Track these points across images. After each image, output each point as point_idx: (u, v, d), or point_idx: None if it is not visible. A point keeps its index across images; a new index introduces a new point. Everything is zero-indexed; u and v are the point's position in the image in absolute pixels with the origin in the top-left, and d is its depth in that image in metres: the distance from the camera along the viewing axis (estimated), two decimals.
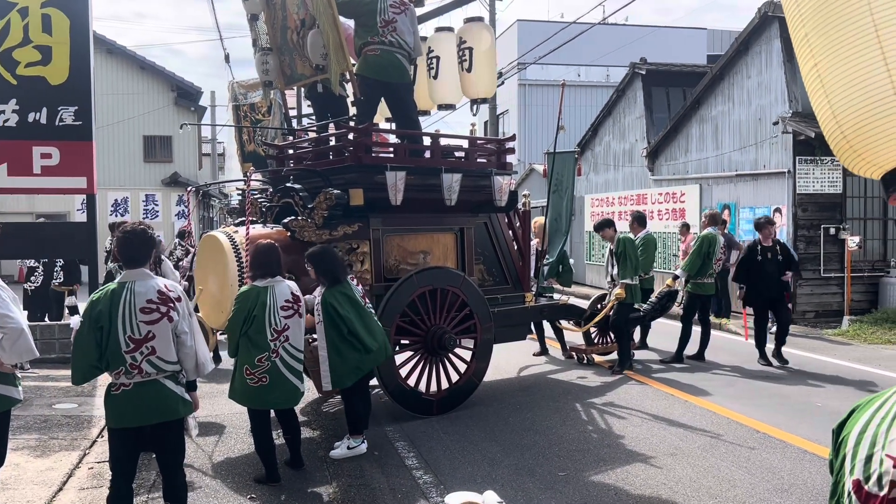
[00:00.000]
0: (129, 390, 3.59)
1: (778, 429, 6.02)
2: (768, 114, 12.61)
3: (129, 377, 3.57)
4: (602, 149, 18.93)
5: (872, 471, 1.17)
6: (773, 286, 8.53)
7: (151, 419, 3.65)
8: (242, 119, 14.65)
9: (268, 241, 5.36)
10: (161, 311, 3.59)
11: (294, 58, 7.40)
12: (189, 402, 3.78)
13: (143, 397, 3.60)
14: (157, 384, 3.63)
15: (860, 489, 1.18)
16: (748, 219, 13.02)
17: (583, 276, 19.06)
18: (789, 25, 1.71)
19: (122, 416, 3.62)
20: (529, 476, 5.03)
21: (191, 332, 3.73)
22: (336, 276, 5.36)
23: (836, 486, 1.28)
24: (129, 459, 3.75)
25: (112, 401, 3.63)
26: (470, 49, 7.44)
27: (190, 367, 3.76)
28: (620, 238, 8.47)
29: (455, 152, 7.32)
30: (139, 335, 3.54)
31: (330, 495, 4.77)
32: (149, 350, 3.56)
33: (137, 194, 21.66)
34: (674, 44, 26.50)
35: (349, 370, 5.32)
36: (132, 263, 3.69)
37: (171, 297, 3.66)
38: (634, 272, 8.35)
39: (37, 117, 8.98)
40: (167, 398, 3.66)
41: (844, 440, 1.27)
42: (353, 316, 5.27)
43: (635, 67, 16.89)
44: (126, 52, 21.73)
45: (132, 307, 3.55)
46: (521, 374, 8.49)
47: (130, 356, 3.54)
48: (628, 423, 6.30)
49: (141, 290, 3.59)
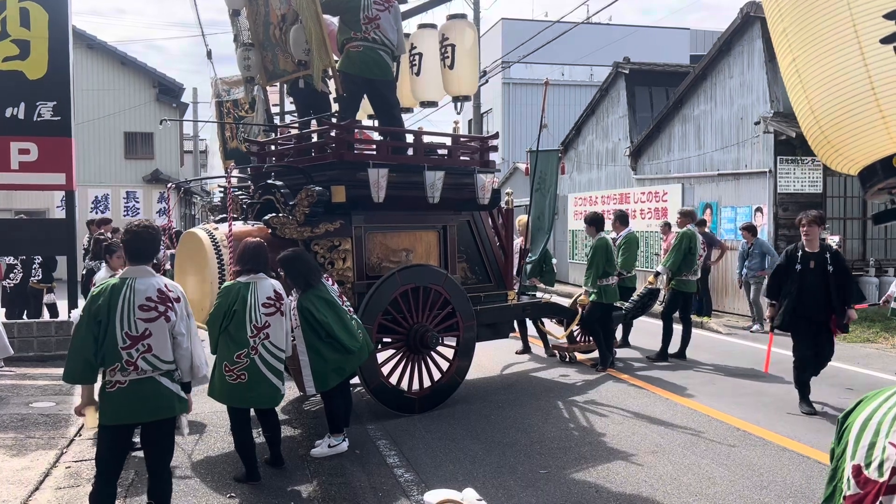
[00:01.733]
0: (124, 387, 3.56)
1: (757, 426, 6.06)
2: (750, 113, 12.70)
3: (124, 374, 3.55)
4: (585, 148, 18.99)
5: (874, 457, 1.19)
6: (819, 305, 6.40)
7: (147, 416, 3.64)
8: (225, 115, 14.55)
9: (258, 239, 5.32)
10: (159, 311, 3.59)
11: (276, 53, 7.35)
12: (184, 399, 3.77)
13: (140, 394, 3.58)
14: (153, 381, 3.61)
15: (859, 474, 1.20)
16: (729, 217, 13.12)
17: (566, 274, 19.11)
18: (768, 20, 1.71)
19: (117, 414, 3.59)
20: (511, 474, 5.03)
21: (188, 334, 3.73)
22: (308, 282, 5.29)
23: (836, 471, 1.30)
24: (117, 458, 3.72)
25: (108, 398, 3.60)
26: (452, 46, 7.43)
27: (185, 369, 3.76)
28: (599, 240, 8.32)
29: (438, 150, 7.30)
30: (136, 332, 3.53)
31: (310, 494, 4.74)
32: (145, 347, 3.55)
33: (118, 191, 21.46)
34: (657, 44, 26.63)
35: (331, 371, 5.28)
36: (137, 259, 3.70)
37: (170, 297, 3.66)
38: (595, 278, 8.20)
39: (14, 112, 8.85)
40: (163, 395, 3.64)
41: (848, 428, 1.30)
42: (330, 319, 5.21)
43: (618, 67, 16.95)
44: (107, 48, 21.51)
45: (131, 303, 3.54)
46: (503, 372, 8.49)
47: (126, 353, 3.52)
48: (610, 420, 6.32)
49: (141, 287, 3.59)
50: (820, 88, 1.53)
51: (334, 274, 6.28)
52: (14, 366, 8.29)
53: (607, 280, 8.26)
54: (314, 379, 5.23)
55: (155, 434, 3.73)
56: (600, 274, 8.22)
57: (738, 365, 8.64)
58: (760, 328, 11.17)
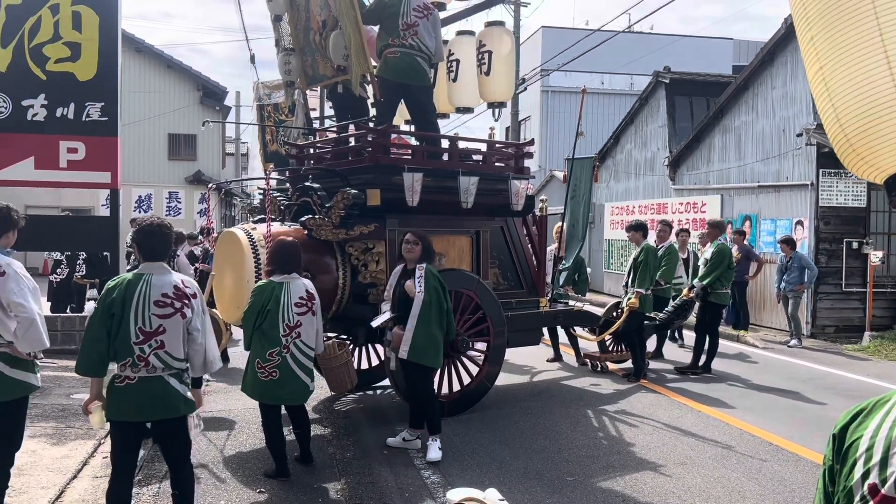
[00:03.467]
0: (132, 384, 3.54)
1: (791, 441, 5.96)
2: (792, 125, 12.50)
3: (134, 370, 3.53)
4: (623, 157, 18.86)
5: (889, 473, 1.15)
6: None
7: (151, 416, 3.62)
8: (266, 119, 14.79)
9: (291, 239, 5.43)
10: (175, 307, 3.58)
11: (316, 58, 7.47)
12: (191, 401, 3.72)
13: (146, 392, 3.55)
14: (161, 381, 3.58)
15: (876, 492, 1.17)
16: (769, 230, 12.91)
17: (601, 284, 18.98)
18: (796, 28, 1.72)
19: (120, 410, 3.59)
20: (537, 480, 5.03)
21: (203, 330, 3.71)
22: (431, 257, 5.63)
23: (842, 492, 1.25)
24: (128, 452, 3.70)
25: (114, 393, 3.58)
26: (489, 52, 7.47)
27: (198, 364, 3.73)
28: (645, 246, 8.36)
29: (473, 156, 7.34)
30: (150, 328, 3.52)
31: (338, 492, 4.80)
32: (157, 344, 3.53)
33: (161, 191, 21.92)
34: (699, 53, 26.35)
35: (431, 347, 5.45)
36: (152, 256, 3.69)
37: (186, 294, 3.64)
38: (651, 282, 8.27)
39: (64, 112, 9.12)
40: (169, 396, 3.60)
41: (854, 445, 1.25)
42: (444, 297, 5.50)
43: (659, 76, 16.82)
44: (153, 51, 22.02)
45: (147, 299, 3.54)
46: (533, 379, 8.47)
47: (139, 348, 3.51)
48: (639, 431, 6.27)
49: (158, 283, 3.59)
50: (846, 97, 1.54)
51: (368, 276, 6.36)
52: (57, 358, 8.53)
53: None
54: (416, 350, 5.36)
55: (164, 431, 3.73)
56: (654, 277, 8.26)
57: (774, 380, 8.50)
58: (798, 343, 10.97)
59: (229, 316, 6.25)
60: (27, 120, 9.02)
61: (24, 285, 3.87)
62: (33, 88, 8.98)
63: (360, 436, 6.08)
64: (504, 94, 7.79)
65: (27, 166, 9.08)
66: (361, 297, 6.40)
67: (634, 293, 8.16)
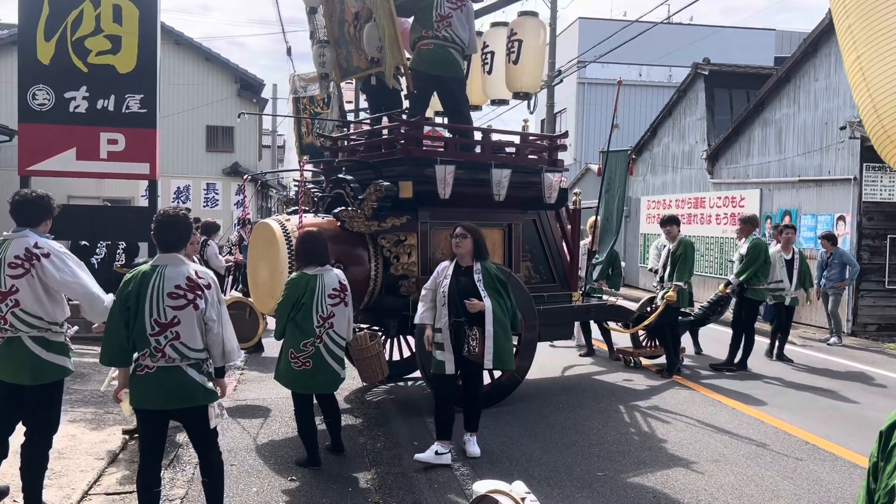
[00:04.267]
0: (151, 373, 3.58)
1: (828, 441, 5.84)
2: (835, 118, 12.21)
3: (153, 360, 3.57)
4: (661, 150, 18.61)
5: None
6: None
7: (169, 404, 3.65)
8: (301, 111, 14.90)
9: (312, 230, 5.45)
10: (188, 298, 3.59)
11: (350, 50, 7.50)
12: (211, 391, 3.72)
13: (164, 382, 3.59)
14: (178, 370, 3.60)
15: None
16: (810, 226, 12.65)
17: (636, 279, 18.80)
18: (834, 17, 1.67)
19: (140, 398, 3.64)
20: (567, 474, 5.00)
21: (219, 320, 3.71)
22: (483, 253, 5.43)
23: (884, 489, 1.22)
24: (153, 438, 3.74)
25: (135, 381, 3.63)
26: (519, 42, 7.40)
27: (217, 354, 3.74)
28: (682, 239, 8.24)
29: (506, 148, 7.31)
30: (165, 319, 3.55)
31: (368, 482, 4.84)
32: (173, 335, 3.56)
33: (199, 182, 22.22)
34: (740, 44, 25.85)
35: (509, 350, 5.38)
36: (168, 247, 3.69)
37: (199, 284, 3.64)
38: (689, 276, 8.14)
39: (105, 104, 9.31)
40: (187, 385, 3.62)
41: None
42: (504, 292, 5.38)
43: (698, 68, 16.55)
44: (192, 44, 22.30)
45: (160, 291, 3.56)
46: (564, 373, 8.43)
47: (155, 339, 3.55)
48: (672, 427, 6.20)
49: (171, 274, 3.60)
50: (883, 85, 1.49)
51: (399, 268, 6.38)
52: (95, 345, 8.70)
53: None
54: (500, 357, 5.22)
55: (186, 420, 3.78)
56: (692, 271, 8.13)
57: (811, 378, 8.33)
58: (838, 341, 10.74)
59: (264, 306, 6.32)
60: (69, 112, 9.22)
61: (70, 262, 4.02)
62: (75, 81, 9.19)
63: (390, 426, 6.11)
64: (531, 86, 7.70)
65: (69, 157, 9.30)
66: (393, 288, 6.42)
67: (673, 286, 8.04)
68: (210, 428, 3.78)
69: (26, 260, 3.91)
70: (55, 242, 4.10)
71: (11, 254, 3.92)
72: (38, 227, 4.07)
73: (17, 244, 3.95)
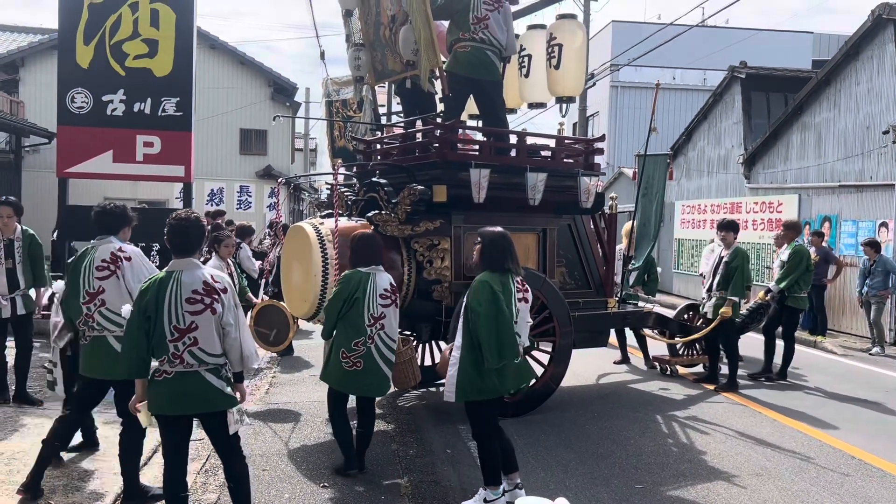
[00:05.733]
0: (169, 378, 3.57)
1: (876, 456, 5.64)
2: (878, 122, 11.89)
3: (171, 366, 3.56)
4: (696, 154, 18.33)
5: None
6: None
7: (188, 410, 3.63)
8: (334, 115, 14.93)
9: (367, 231, 5.44)
10: (205, 303, 3.57)
11: (385, 53, 7.46)
12: (230, 396, 3.69)
13: (182, 387, 3.57)
14: (197, 376, 3.59)
15: None
16: (850, 232, 12.33)
17: (670, 285, 18.50)
18: None
19: (159, 404, 3.61)
20: (604, 486, 4.89)
21: (236, 324, 3.68)
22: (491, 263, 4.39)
23: None
24: (176, 445, 3.71)
25: (153, 387, 3.61)
26: (559, 46, 7.30)
27: (235, 359, 3.71)
28: (738, 249, 7.87)
29: (541, 151, 7.21)
30: (183, 325, 3.53)
31: (402, 489, 4.77)
32: (191, 340, 3.54)
33: (232, 185, 22.42)
34: (777, 47, 25.38)
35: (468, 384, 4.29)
36: (182, 252, 3.67)
37: (216, 289, 3.62)
38: (744, 290, 7.80)
39: (141, 107, 9.42)
40: (205, 391, 3.60)
41: None
42: (483, 312, 4.18)
43: (734, 71, 16.26)
44: (227, 48, 22.52)
45: (178, 297, 3.54)
46: (599, 381, 8.29)
47: (173, 345, 3.53)
48: (712, 438, 6.05)
49: (187, 280, 3.58)
50: None
51: (432, 273, 6.31)
52: None
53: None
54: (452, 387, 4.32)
55: (207, 425, 3.74)
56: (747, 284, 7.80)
57: (854, 389, 8.09)
58: (881, 351, 10.44)
59: (297, 310, 6.29)
60: (106, 115, 9.34)
61: (149, 268, 4.45)
62: (113, 84, 9.30)
63: (423, 433, 6.04)
64: (573, 89, 7.61)
65: (106, 159, 9.42)
66: (426, 293, 6.35)
67: (728, 301, 7.68)
68: (230, 433, 3.73)
69: (112, 262, 4.34)
70: (136, 248, 4.54)
71: (98, 258, 4.34)
72: (118, 234, 4.53)
73: (104, 249, 4.39)
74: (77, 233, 9.86)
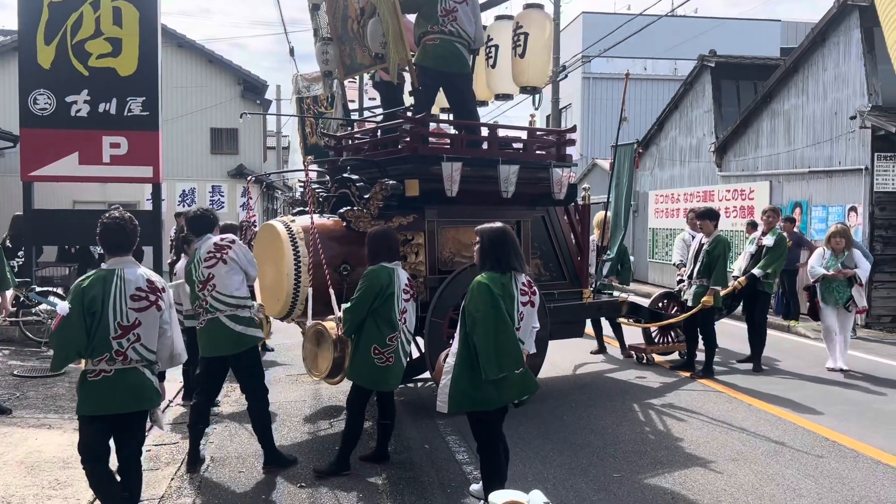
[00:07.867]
0: (110, 376, 3.53)
1: (848, 437, 5.71)
2: (845, 108, 12.04)
3: (110, 364, 3.53)
4: (668, 143, 18.45)
5: None
6: None
7: (129, 407, 3.59)
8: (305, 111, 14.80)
9: (384, 226, 5.41)
10: (150, 300, 3.60)
11: (354, 47, 7.39)
12: (159, 392, 3.74)
13: (124, 384, 3.55)
14: (137, 371, 3.60)
15: None
16: (821, 217, 12.49)
17: (645, 274, 18.63)
18: None
19: (95, 405, 3.54)
20: (583, 476, 4.89)
21: (171, 323, 3.76)
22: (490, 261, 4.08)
23: None
24: (100, 451, 3.64)
25: (89, 387, 3.55)
26: (525, 35, 7.27)
27: (165, 357, 3.77)
28: (719, 237, 7.86)
29: (513, 143, 7.19)
30: (127, 322, 3.53)
31: (380, 487, 4.73)
32: (135, 337, 3.56)
33: (204, 185, 22.17)
34: (745, 36, 25.66)
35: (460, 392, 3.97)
36: (120, 250, 3.68)
37: (157, 287, 3.67)
38: (725, 278, 7.83)
39: (107, 107, 9.24)
40: (146, 387, 3.63)
41: None
42: (479, 318, 3.86)
43: (704, 60, 16.38)
44: (195, 46, 22.22)
45: (123, 294, 3.54)
46: (577, 371, 8.31)
47: (117, 342, 3.52)
48: (688, 425, 6.08)
49: (130, 277, 3.60)
50: None
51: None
52: None
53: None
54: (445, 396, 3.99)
55: (131, 426, 3.68)
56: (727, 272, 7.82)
57: (826, 371, 8.18)
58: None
59: (269, 309, 6.21)
60: (71, 116, 9.15)
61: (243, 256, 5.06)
62: (76, 84, 9.11)
63: (400, 430, 5.99)
64: (538, 80, 7.57)
65: (72, 162, 9.23)
66: None
67: (710, 290, 7.70)
68: (143, 436, 3.80)
69: (217, 251, 4.93)
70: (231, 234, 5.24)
71: (204, 251, 4.96)
72: (213, 231, 5.26)
73: (206, 244, 5.01)
74: (45, 237, 9.67)
